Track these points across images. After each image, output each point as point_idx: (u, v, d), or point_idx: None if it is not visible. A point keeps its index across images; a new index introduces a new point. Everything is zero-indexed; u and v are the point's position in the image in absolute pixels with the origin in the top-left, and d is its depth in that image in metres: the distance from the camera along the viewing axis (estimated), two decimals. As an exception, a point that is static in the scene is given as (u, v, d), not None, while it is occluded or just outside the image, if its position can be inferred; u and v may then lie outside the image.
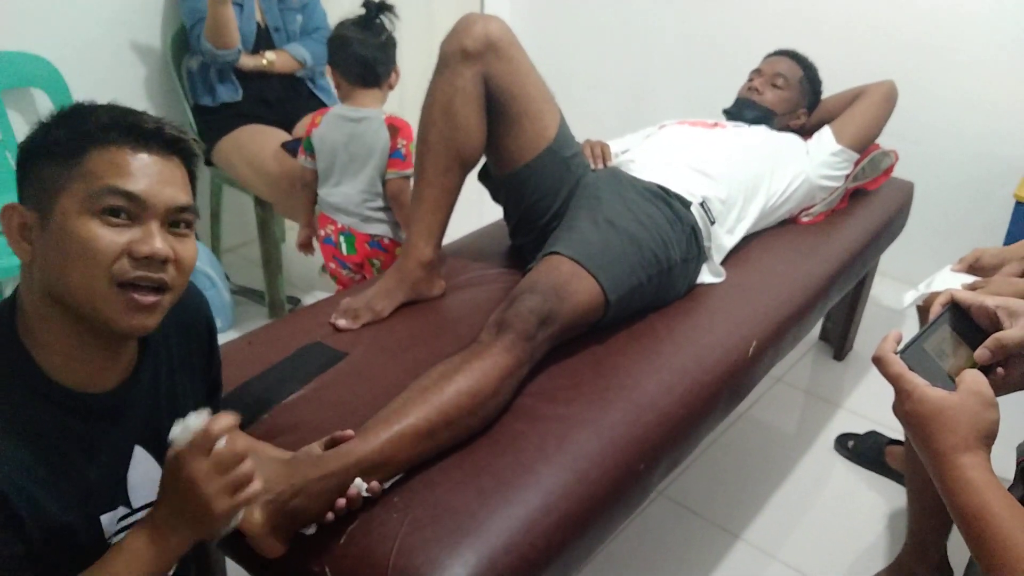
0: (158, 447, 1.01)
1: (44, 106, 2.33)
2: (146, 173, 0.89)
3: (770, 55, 2.36)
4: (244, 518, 0.97)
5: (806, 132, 2.30)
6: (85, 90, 2.35)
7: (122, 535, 0.97)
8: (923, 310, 1.93)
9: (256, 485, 0.92)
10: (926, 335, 0.99)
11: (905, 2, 2.77)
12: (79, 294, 0.87)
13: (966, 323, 1.01)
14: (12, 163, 2.10)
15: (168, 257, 0.90)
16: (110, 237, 0.87)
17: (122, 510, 1.00)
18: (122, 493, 0.99)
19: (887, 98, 2.23)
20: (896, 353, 0.96)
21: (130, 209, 0.88)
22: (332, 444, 1.17)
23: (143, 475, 1.01)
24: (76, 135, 0.88)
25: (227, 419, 0.90)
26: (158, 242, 0.89)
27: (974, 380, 0.91)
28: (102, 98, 0.94)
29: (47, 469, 0.89)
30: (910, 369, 0.94)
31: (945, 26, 2.72)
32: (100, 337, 0.92)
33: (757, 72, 2.31)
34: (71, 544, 0.92)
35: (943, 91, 2.77)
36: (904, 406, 0.93)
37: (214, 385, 1.23)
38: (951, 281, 1.75)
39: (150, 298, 0.90)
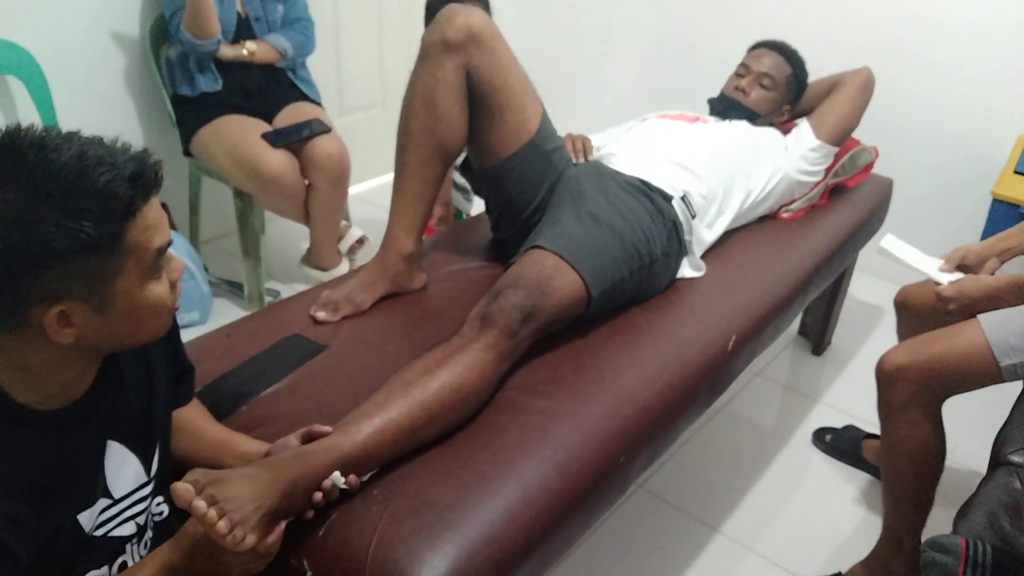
0: (130, 438, 1.03)
1: (20, 95, 2.30)
2: (158, 214, 0.90)
3: (756, 47, 2.29)
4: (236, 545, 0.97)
5: (784, 123, 2.29)
6: (63, 79, 2.33)
7: (104, 528, 1.00)
8: (900, 307, 1.95)
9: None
10: None
11: (885, 4, 2.79)
12: (145, 337, 0.95)
13: None
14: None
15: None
16: (166, 286, 0.93)
17: (103, 502, 1.00)
18: (102, 487, 1.00)
19: (864, 87, 2.21)
20: None
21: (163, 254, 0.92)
22: (308, 438, 1.16)
23: (119, 465, 1.02)
24: (107, 222, 0.82)
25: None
26: (180, 263, 0.96)
27: None
28: (81, 88, 0.92)
29: (23, 487, 0.89)
30: None
31: (925, 27, 2.73)
32: (96, 361, 0.96)
33: (744, 68, 2.23)
34: (54, 548, 0.93)
35: (923, 90, 2.79)
36: None
37: (184, 368, 1.22)
38: (929, 265, 1.78)
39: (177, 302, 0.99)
